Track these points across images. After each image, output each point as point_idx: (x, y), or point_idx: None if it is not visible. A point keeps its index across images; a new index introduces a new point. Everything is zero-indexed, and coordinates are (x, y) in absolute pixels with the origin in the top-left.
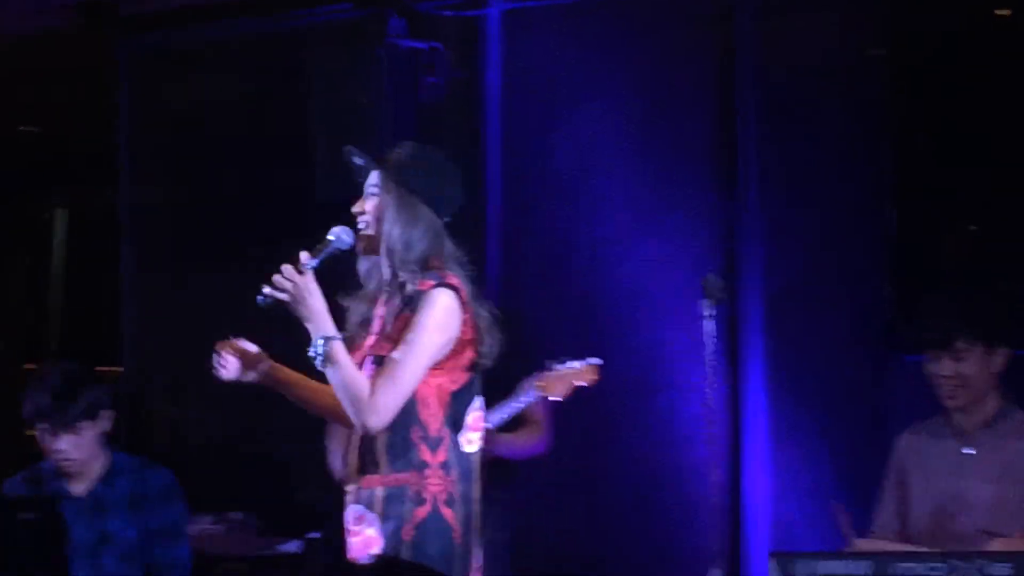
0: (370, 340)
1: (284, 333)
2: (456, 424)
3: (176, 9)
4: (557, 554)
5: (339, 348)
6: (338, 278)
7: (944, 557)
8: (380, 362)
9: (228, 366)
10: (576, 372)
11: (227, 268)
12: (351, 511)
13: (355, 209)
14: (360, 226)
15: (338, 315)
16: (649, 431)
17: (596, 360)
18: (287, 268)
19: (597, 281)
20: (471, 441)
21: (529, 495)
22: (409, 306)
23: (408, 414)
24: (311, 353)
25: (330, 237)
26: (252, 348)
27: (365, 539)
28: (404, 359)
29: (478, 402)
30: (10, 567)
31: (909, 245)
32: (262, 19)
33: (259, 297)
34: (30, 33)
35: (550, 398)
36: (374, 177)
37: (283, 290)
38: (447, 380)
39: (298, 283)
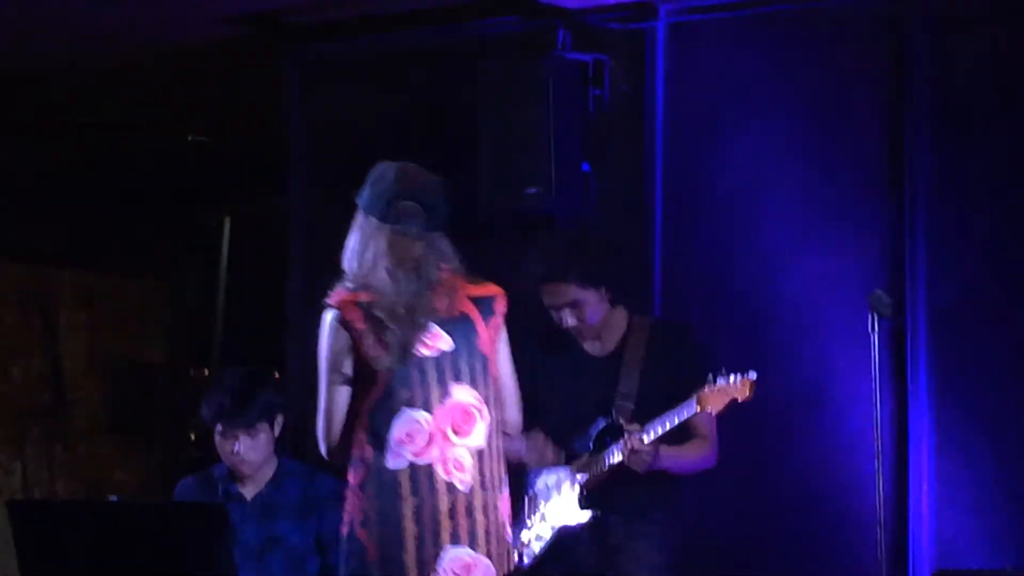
0: None
1: None
2: (378, 441)
3: (343, 19)
4: (719, 568)
5: None
6: None
7: None
8: None
9: None
10: (733, 387)
11: None
12: None
13: None
14: None
15: None
16: (814, 445)
17: (752, 375)
18: None
19: (762, 295)
20: (400, 455)
21: (692, 509)
22: None
23: (345, 440)
24: None
25: None
26: None
27: None
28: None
29: (408, 414)
30: (180, 569)
31: None
32: (428, 30)
33: None
34: (199, 44)
35: (708, 412)
36: None
37: None
38: (363, 399)
39: None
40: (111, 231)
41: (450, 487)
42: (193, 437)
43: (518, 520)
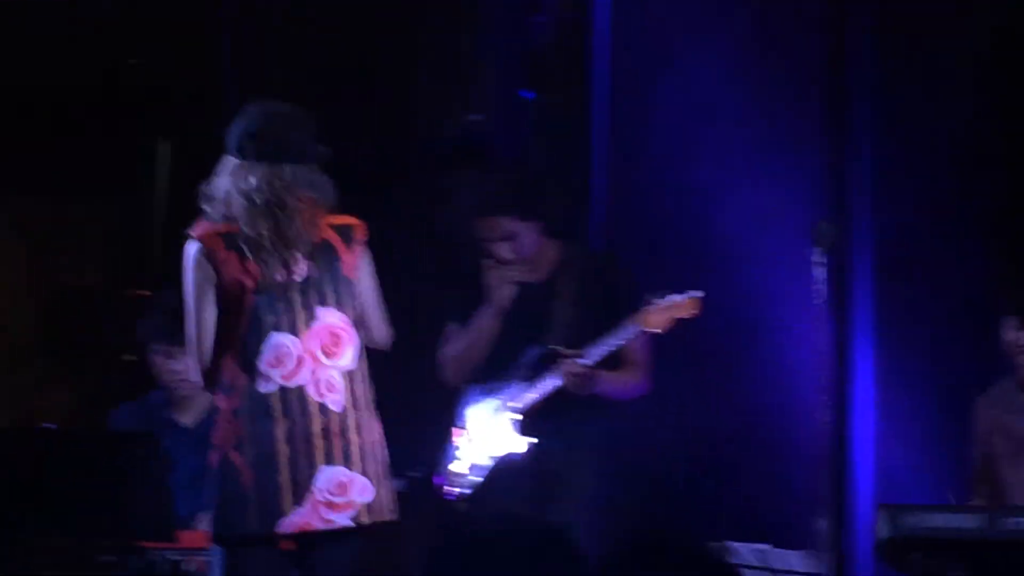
0: None
1: None
2: (248, 366)
3: None
4: (657, 498)
5: None
6: None
7: None
8: None
9: None
10: (678, 305)
11: None
12: None
13: None
14: None
15: None
16: (756, 376)
17: (698, 293)
18: None
19: (705, 226)
20: (270, 379)
21: (632, 439)
22: None
23: (216, 367)
24: None
25: None
26: None
27: None
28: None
29: (276, 339)
30: (115, 498)
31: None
32: None
33: None
34: None
35: (650, 331)
36: None
37: None
38: (233, 324)
39: None
40: (46, 154)
41: (322, 408)
42: (130, 359)
43: (451, 451)
